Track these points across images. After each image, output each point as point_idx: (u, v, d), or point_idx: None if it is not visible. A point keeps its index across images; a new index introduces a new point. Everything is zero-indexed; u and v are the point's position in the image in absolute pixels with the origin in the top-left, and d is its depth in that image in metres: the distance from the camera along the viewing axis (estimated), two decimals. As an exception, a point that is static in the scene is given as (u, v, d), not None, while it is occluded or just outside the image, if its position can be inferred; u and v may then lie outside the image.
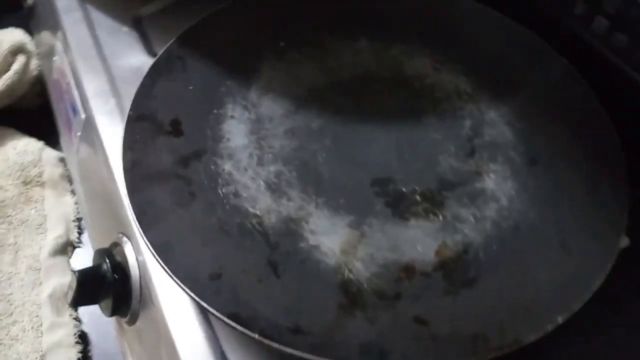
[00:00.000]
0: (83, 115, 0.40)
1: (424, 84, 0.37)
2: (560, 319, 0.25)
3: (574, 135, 0.33)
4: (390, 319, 0.25)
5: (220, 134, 0.32)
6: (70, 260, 0.46)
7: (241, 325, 0.24)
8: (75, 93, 0.42)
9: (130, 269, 0.33)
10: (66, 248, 0.46)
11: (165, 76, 0.34)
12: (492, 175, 0.32)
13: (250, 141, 0.32)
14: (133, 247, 0.33)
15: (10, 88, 0.51)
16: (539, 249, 0.28)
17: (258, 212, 0.29)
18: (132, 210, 0.27)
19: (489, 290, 0.26)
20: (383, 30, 0.39)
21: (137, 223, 0.27)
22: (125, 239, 0.34)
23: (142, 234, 0.27)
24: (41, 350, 0.40)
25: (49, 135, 0.53)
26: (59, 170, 0.50)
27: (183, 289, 0.25)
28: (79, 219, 0.48)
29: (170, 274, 0.26)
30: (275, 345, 0.23)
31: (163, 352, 0.31)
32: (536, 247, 0.28)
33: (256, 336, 0.24)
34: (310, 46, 0.38)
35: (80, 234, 0.47)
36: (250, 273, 0.26)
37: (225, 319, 0.24)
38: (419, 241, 0.29)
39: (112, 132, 0.37)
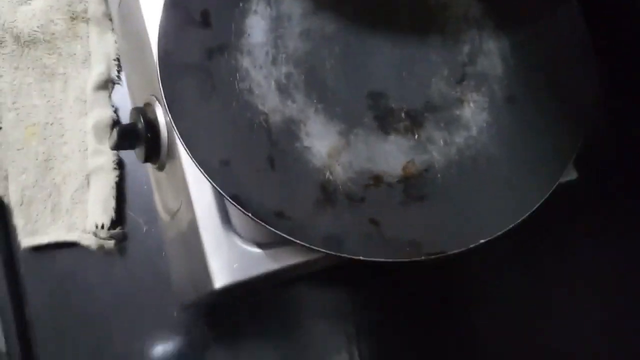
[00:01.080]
0: (124, -27, 0.43)
1: (438, 1, 0.39)
2: (481, 240, 0.32)
3: (557, 82, 0.36)
4: (352, 217, 0.33)
5: (242, 29, 0.37)
6: (111, 95, 0.53)
7: (239, 204, 0.31)
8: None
9: (160, 127, 0.40)
10: (107, 84, 0.53)
11: (200, -37, 0.36)
12: (472, 104, 0.37)
13: (268, 39, 0.37)
14: (163, 110, 0.40)
15: None
16: (487, 180, 0.34)
17: (266, 110, 0.35)
18: (164, 98, 0.33)
19: (434, 208, 0.33)
20: None
21: (167, 110, 0.33)
22: (157, 101, 0.40)
23: (172, 121, 0.33)
24: (87, 170, 0.50)
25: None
26: (102, 7, 0.54)
27: (200, 170, 0.32)
28: (118, 58, 0.54)
29: (191, 157, 0.33)
30: (262, 224, 0.31)
31: (182, 196, 0.39)
32: (486, 178, 0.34)
33: (249, 215, 0.31)
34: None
35: (119, 71, 0.54)
36: (252, 164, 0.33)
37: (228, 198, 0.32)
38: (392, 155, 0.35)
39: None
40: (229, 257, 0.35)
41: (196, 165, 0.32)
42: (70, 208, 0.50)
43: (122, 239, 0.50)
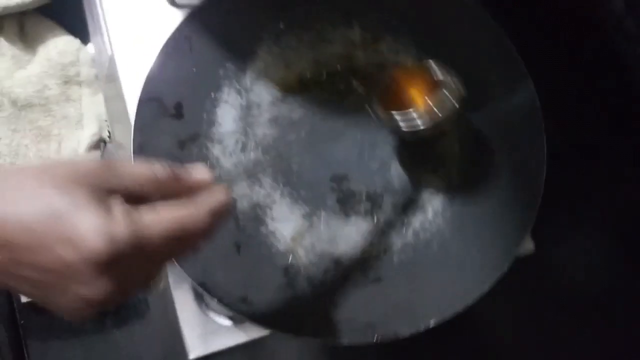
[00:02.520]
0: (109, 52, 0.46)
1: (400, 86, 0.41)
2: (432, 323, 0.34)
3: (510, 164, 0.38)
4: (312, 299, 0.35)
5: (214, 119, 0.39)
6: (104, 154, 0.56)
7: (207, 291, 0.34)
8: (103, 25, 0.47)
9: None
10: (99, 144, 0.56)
11: (174, 57, 0.39)
12: (429, 187, 0.39)
13: (238, 127, 0.39)
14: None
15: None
16: (440, 263, 0.37)
17: (234, 196, 0.38)
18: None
19: (390, 289, 0.36)
20: (377, 21, 0.41)
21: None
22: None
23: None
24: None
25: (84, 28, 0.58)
26: (93, 70, 0.57)
27: (170, 257, 0.35)
28: (109, 119, 0.57)
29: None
30: (228, 309, 0.34)
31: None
32: (439, 261, 0.37)
33: (215, 300, 0.34)
34: (308, 30, 0.41)
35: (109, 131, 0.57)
36: (219, 250, 0.36)
37: (196, 286, 0.34)
38: (352, 237, 0.38)
39: (131, 78, 0.43)
40: (203, 331, 0.38)
41: (167, 254, 0.35)
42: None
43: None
